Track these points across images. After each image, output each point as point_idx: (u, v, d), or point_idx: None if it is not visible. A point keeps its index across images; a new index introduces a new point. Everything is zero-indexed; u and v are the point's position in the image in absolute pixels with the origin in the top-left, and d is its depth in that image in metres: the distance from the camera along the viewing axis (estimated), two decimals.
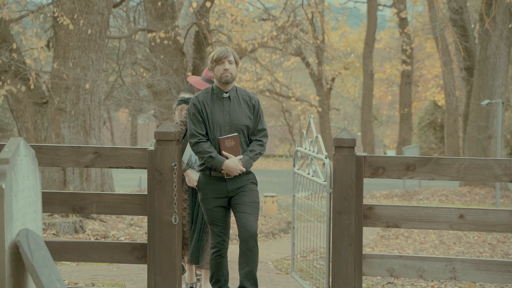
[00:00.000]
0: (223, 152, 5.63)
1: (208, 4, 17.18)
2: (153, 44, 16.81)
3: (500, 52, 19.98)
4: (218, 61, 5.73)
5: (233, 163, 5.58)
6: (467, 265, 4.91)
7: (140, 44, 20.06)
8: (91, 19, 11.72)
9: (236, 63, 5.85)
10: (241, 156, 5.67)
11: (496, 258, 9.74)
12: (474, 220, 4.89)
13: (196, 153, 5.66)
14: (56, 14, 11.59)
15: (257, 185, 5.89)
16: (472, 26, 23.41)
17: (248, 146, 5.81)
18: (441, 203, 18.63)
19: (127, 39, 18.72)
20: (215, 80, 5.80)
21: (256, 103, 5.87)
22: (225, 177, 5.65)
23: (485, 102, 18.13)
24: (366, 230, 12.90)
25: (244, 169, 5.64)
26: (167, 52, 16.89)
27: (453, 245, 11.81)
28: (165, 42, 16.36)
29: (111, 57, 23.05)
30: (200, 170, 5.75)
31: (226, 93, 5.78)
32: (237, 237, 8.95)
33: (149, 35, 16.76)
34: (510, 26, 19.03)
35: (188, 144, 6.30)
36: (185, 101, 6.87)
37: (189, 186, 6.50)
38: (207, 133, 5.69)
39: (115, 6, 15.57)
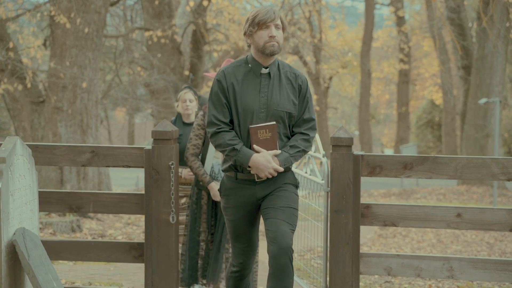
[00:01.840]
0: (254, 146, 4.44)
1: (205, 3, 17.17)
2: (150, 43, 16.80)
3: (498, 51, 19.99)
4: (261, 25, 4.48)
5: (263, 158, 4.39)
6: (464, 263, 4.91)
7: (137, 43, 20.05)
8: (88, 18, 11.71)
9: (283, 29, 4.58)
10: (278, 151, 4.46)
11: (494, 257, 9.74)
12: (472, 219, 4.89)
13: (216, 146, 4.52)
14: (53, 13, 11.57)
15: (297, 187, 4.65)
16: (470, 24, 23.41)
17: (288, 140, 4.58)
18: (438, 202, 18.64)
19: (124, 38, 18.69)
20: (252, 50, 4.58)
21: (304, 84, 4.60)
22: (256, 179, 4.49)
23: (483, 100, 18.15)
24: (364, 229, 12.90)
25: (280, 169, 4.43)
26: (165, 51, 16.88)
27: (450, 244, 11.82)
28: (162, 41, 16.35)
29: (108, 56, 23.03)
30: (223, 170, 4.65)
31: (266, 67, 4.52)
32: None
33: (146, 33, 16.75)
34: (507, 24, 19.04)
35: (209, 151, 5.79)
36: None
37: (209, 196, 5.97)
38: (232, 121, 4.52)
39: (112, 4, 15.55)
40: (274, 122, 4.46)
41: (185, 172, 6.35)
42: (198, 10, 17.54)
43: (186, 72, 17.22)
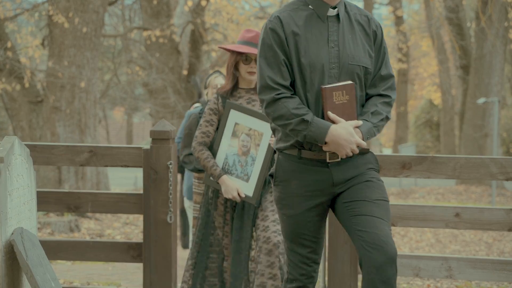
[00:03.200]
0: (329, 114, 3.42)
1: (203, 2, 17.16)
2: (148, 42, 16.79)
3: (496, 51, 20.00)
4: None
5: (345, 130, 3.38)
6: (462, 263, 4.91)
7: (136, 43, 20.04)
8: (86, 18, 11.70)
9: None
10: (359, 122, 3.47)
11: (492, 257, 9.74)
12: (470, 219, 4.89)
13: (275, 118, 3.46)
14: (51, 13, 11.57)
15: (379, 172, 3.65)
16: (468, 24, 23.43)
17: (363, 105, 3.58)
18: (437, 201, 18.64)
19: (122, 38, 18.69)
20: None
21: (379, 30, 3.62)
22: (328, 160, 3.46)
23: (481, 100, 18.15)
24: None
25: (363, 144, 3.46)
26: (163, 51, 16.87)
27: (449, 243, 11.82)
28: (161, 40, 16.34)
29: (107, 56, 23.02)
30: (278, 149, 3.59)
31: (334, 7, 3.51)
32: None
33: (145, 33, 16.73)
34: (506, 24, 19.05)
35: (223, 138, 4.81)
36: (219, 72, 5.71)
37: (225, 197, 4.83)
38: (293, 84, 3.49)
39: (110, 4, 15.54)
40: (352, 82, 3.46)
41: None
42: (196, 10, 17.53)
43: (185, 72, 17.22)
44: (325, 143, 3.41)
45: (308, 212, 3.51)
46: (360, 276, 7.71)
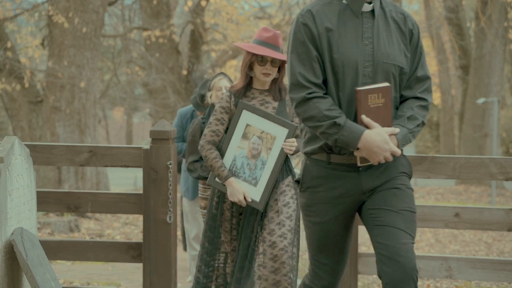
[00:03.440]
0: (362, 118, 3.23)
1: (203, 2, 17.17)
2: (148, 42, 16.79)
3: (496, 51, 20.01)
4: None
5: (379, 137, 3.19)
6: (462, 263, 4.91)
7: (136, 43, 20.04)
8: (86, 18, 11.70)
9: None
10: (395, 129, 3.25)
11: (492, 257, 9.74)
12: (470, 219, 4.89)
13: (305, 119, 3.28)
14: (51, 13, 11.56)
15: (411, 178, 3.44)
16: (468, 24, 23.42)
17: (397, 107, 3.38)
18: (436, 201, 18.64)
19: (122, 38, 18.69)
20: None
21: (415, 29, 3.42)
22: (359, 164, 3.28)
23: (481, 100, 18.15)
24: (362, 229, 12.89)
25: (398, 152, 3.23)
26: (163, 51, 16.87)
27: (448, 243, 11.81)
28: (161, 40, 16.34)
29: (106, 56, 23.02)
30: (306, 153, 3.42)
31: (370, 2, 3.34)
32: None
33: (145, 33, 16.74)
34: (505, 24, 19.05)
35: (233, 139, 4.63)
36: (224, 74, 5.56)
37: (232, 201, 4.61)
38: (324, 83, 3.31)
39: (110, 4, 15.54)
40: (388, 84, 3.25)
41: None
42: (196, 10, 17.53)
43: (184, 72, 17.22)
44: (357, 148, 3.21)
45: (335, 220, 3.34)
46: (359, 276, 7.69)
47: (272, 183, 4.56)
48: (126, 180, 25.13)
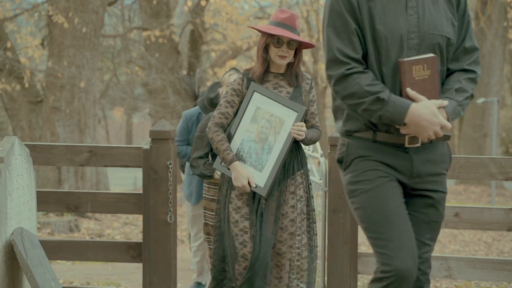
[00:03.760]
0: (407, 91, 2.99)
1: (203, 2, 17.18)
2: (148, 42, 16.80)
3: (495, 51, 20.01)
4: None
5: (428, 109, 2.94)
6: (462, 263, 4.91)
7: (135, 43, 20.04)
8: (86, 18, 11.70)
9: None
10: (444, 102, 3.01)
11: (491, 256, 9.74)
12: (470, 219, 4.89)
13: (345, 96, 3.04)
14: (50, 13, 11.57)
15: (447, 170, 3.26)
16: None
17: (443, 81, 3.15)
18: None
19: (122, 38, 18.69)
20: None
21: None
22: (407, 144, 3.04)
23: (481, 100, 18.15)
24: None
25: (448, 126, 3.00)
26: (162, 51, 16.87)
27: (448, 243, 11.81)
28: (160, 40, 16.35)
29: (106, 56, 23.02)
30: (347, 132, 3.14)
31: None
32: None
33: (144, 33, 16.74)
34: (505, 24, 19.06)
35: (240, 125, 4.44)
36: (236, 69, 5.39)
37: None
38: (364, 57, 3.08)
39: (110, 4, 15.55)
40: (434, 55, 3.02)
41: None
42: (196, 10, 17.54)
43: (184, 72, 17.22)
44: (404, 124, 2.96)
45: (388, 185, 2.99)
46: (359, 276, 7.70)
47: (277, 169, 4.36)
48: (126, 180, 25.14)
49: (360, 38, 3.03)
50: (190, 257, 8.62)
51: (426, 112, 2.93)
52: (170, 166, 4.95)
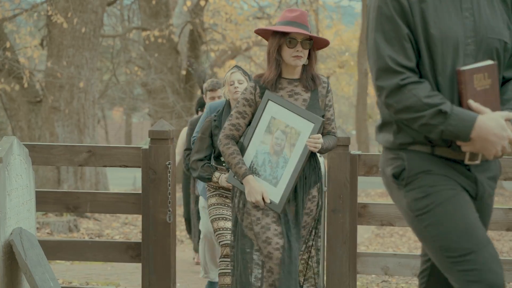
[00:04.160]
0: (470, 103, 2.67)
1: (202, 2, 17.17)
2: (147, 42, 16.79)
3: None
4: None
5: (495, 123, 2.63)
6: None
7: (135, 43, 20.04)
8: (85, 18, 11.70)
9: None
10: (510, 113, 2.69)
11: None
12: None
13: (399, 110, 2.68)
14: (50, 13, 11.57)
15: None
16: None
17: (500, 91, 2.80)
18: None
19: (121, 38, 18.69)
20: None
21: None
22: (467, 161, 2.72)
23: None
24: (361, 229, 12.89)
25: None
26: (162, 51, 16.87)
27: None
28: (160, 40, 16.34)
29: (105, 56, 23.02)
30: (402, 144, 2.78)
31: None
32: None
33: (144, 33, 16.74)
34: None
35: (254, 136, 4.22)
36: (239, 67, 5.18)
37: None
38: (417, 65, 2.73)
39: (109, 4, 15.55)
40: (493, 62, 2.72)
41: (222, 179, 5.02)
42: (195, 10, 17.54)
43: (183, 72, 17.23)
44: (469, 139, 2.63)
45: (463, 194, 2.68)
46: (358, 276, 7.71)
47: (292, 184, 4.15)
48: (125, 180, 25.14)
49: (412, 44, 2.70)
50: (189, 257, 8.62)
51: (494, 125, 2.61)
52: (169, 166, 4.95)
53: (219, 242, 5.11)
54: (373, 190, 22.26)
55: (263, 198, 4.12)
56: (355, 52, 36.32)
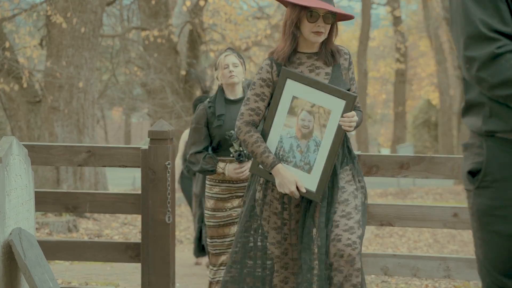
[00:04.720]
0: None
1: (201, 2, 17.17)
2: (146, 42, 16.79)
3: None
4: None
5: None
6: (460, 263, 4.91)
7: (134, 43, 20.03)
8: (85, 18, 11.70)
9: None
10: None
11: None
12: (468, 219, 4.89)
13: (494, 85, 2.16)
14: (49, 13, 11.56)
15: None
16: None
17: None
18: (435, 201, 18.66)
19: (120, 38, 18.69)
20: None
21: None
22: None
23: None
24: None
25: None
26: (161, 51, 16.87)
27: (447, 243, 11.82)
28: (159, 40, 16.34)
29: (105, 56, 23.02)
30: (490, 132, 2.26)
31: None
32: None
33: (143, 33, 16.73)
34: None
35: (275, 120, 3.79)
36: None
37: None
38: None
39: (108, 4, 15.54)
40: None
41: (229, 169, 4.67)
42: (194, 10, 17.53)
43: (183, 72, 17.22)
44: None
45: None
46: None
47: (330, 168, 3.73)
48: (125, 180, 25.13)
49: (509, 4, 2.19)
50: (189, 257, 8.62)
51: None
52: (168, 166, 4.94)
53: (212, 251, 4.91)
54: (372, 190, 22.28)
55: (298, 188, 3.70)
56: (355, 52, 36.36)
